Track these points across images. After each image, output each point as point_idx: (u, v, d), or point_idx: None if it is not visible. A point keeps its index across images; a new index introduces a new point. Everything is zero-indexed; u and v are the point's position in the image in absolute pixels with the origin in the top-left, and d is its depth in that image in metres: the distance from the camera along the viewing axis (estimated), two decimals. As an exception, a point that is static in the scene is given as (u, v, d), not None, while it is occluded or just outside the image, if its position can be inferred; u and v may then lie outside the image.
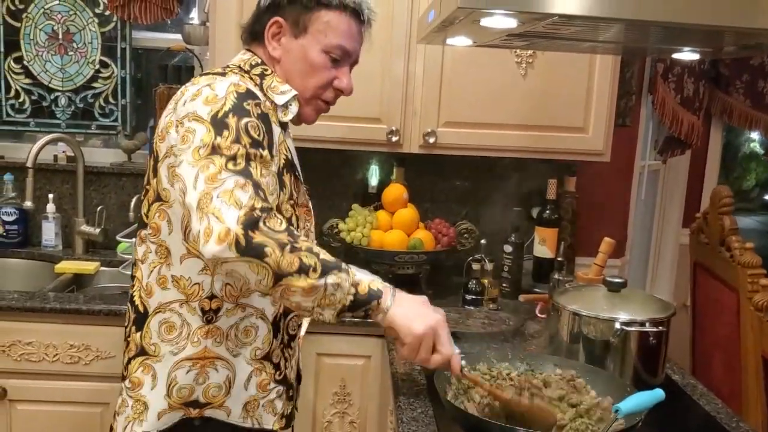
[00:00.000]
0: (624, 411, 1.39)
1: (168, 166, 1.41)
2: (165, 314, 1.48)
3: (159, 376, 1.48)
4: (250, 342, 1.51)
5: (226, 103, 1.35)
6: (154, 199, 1.47)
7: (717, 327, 2.55)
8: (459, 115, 2.53)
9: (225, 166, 1.28)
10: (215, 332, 1.47)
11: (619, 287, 1.81)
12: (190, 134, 1.33)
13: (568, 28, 1.28)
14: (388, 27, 2.45)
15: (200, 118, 1.34)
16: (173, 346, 1.47)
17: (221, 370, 1.49)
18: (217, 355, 1.48)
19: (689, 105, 3.41)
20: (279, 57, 1.55)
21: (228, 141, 1.30)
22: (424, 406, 1.64)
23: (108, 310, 2.25)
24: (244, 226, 1.21)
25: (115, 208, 2.95)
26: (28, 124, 3.04)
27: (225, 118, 1.33)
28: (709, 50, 1.75)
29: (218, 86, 1.39)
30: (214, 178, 1.26)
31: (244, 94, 1.39)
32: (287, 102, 1.53)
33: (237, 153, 1.30)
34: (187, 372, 1.47)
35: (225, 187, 1.25)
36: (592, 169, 2.89)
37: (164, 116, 1.47)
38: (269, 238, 1.22)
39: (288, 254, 1.22)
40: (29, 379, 2.27)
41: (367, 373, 2.34)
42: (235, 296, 1.47)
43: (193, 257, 1.44)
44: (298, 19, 1.52)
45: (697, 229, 2.69)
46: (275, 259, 1.21)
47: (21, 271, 2.85)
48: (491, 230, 2.92)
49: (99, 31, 2.98)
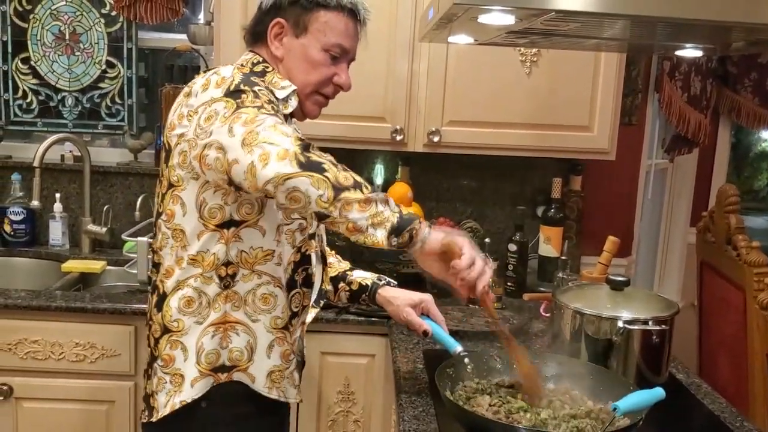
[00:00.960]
0: (622, 409, 1.39)
1: (180, 152, 1.49)
2: (183, 290, 1.53)
3: (189, 347, 1.54)
4: (269, 310, 1.57)
5: (235, 79, 1.46)
6: (167, 187, 1.54)
7: (723, 326, 2.54)
8: (463, 114, 2.53)
9: (258, 111, 1.37)
10: (233, 297, 1.54)
11: (622, 286, 1.80)
12: (213, 114, 1.41)
13: (568, 24, 1.27)
14: (392, 26, 2.46)
15: (216, 99, 1.43)
16: (197, 317, 1.54)
17: (242, 334, 1.55)
18: (236, 320, 1.55)
19: (696, 103, 3.39)
20: (281, 56, 1.62)
21: (249, 98, 1.41)
22: (425, 404, 1.64)
23: (113, 309, 2.26)
24: (300, 147, 1.30)
25: (121, 208, 2.96)
26: (36, 124, 3.06)
27: (237, 89, 1.43)
28: (715, 47, 1.73)
29: (223, 70, 1.52)
30: (253, 120, 1.34)
31: (248, 73, 1.53)
32: (287, 96, 1.59)
33: (263, 105, 1.40)
34: (212, 337, 1.54)
35: (267, 123, 1.34)
36: (598, 168, 2.88)
37: (174, 110, 1.55)
38: (323, 159, 1.31)
39: (342, 171, 1.32)
40: (35, 377, 2.28)
41: (371, 372, 2.34)
42: (250, 263, 1.54)
43: (209, 231, 1.50)
44: (298, 19, 1.59)
45: (704, 228, 2.67)
46: (333, 174, 1.29)
47: (28, 270, 2.87)
48: (496, 229, 2.92)
49: (105, 32, 3.00)
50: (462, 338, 1.85)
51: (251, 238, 1.53)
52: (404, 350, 2.01)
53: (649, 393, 1.45)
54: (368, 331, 2.29)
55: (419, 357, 1.95)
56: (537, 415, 1.50)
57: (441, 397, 1.52)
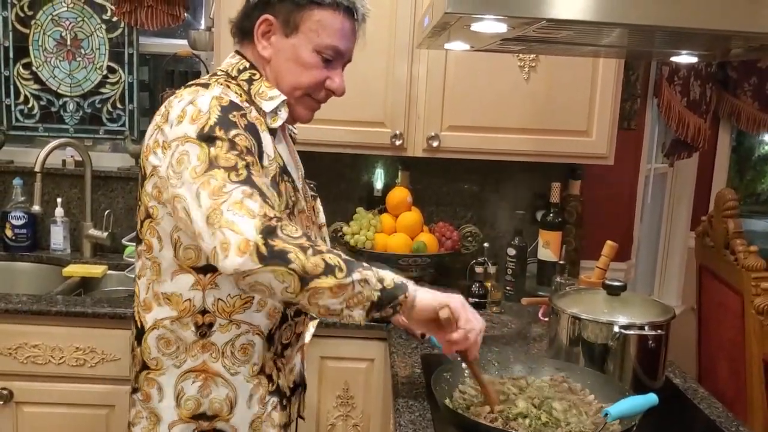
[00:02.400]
0: (614, 415, 1.39)
1: (153, 185, 1.40)
2: (159, 330, 1.47)
3: (165, 389, 1.48)
4: (247, 360, 1.48)
5: (211, 117, 1.32)
6: (145, 215, 1.45)
7: (722, 330, 2.54)
8: (462, 119, 2.54)
9: (228, 178, 1.25)
10: (210, 347, 1.45)
11: (618, 290, 1.81)
12: (184, 156, 1.31)
13: (560, 32, 1.28)
14: (392, 31, 2.47)
15: (190, 138, 1.31)
16: (174, 360, 1.47)
17: (221, 387, 1.48)
18: (216, 372, 1.47)
19: (696, 108, 3.40)
20: (269, 56, 1.49)
21: (223, 151, 1.28)
22: (422, 409, 1.65)
23: (113, 313, 2.27)
24: (263, 234, 1.18)
25: (122, 212, 2.98)
26: (37, 129, 3.07)
27: (212, 132, 1.31)
28: (714, 53, 1.74)
29: (201, 101, 1.36)
30: (219, 192, 1.23)
31: (227, 106, 1.36)
32: (276, 108, 1.48)
33: (237, 164, 1.27)
34: (192, 383, 1.47)
35: (233, 198, 1.22)
36: (597, 173, 2.89)
37: (150, 132, 1.44)
38: (290, 244, 1.19)
39: (311, 257, 1.20)
40: (35, 382, 2.29)
41: (370, 376, 2.35)
42: (227, 312, 1.45)
43: (185, 272, 1.42)
44: (289, 17, 1.46)
45: (703, 233, 2.68)
46: (300, 263, 1.19)
47: (29, 274, 2.88)
48: (495, 233, 2.93)
49: (106, 37, 3.01)
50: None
51: (229, 286, 1.42)
52: (402, 355, 2.01)
53: (641, 399, 1.46)
54: (367, 335, 2.30)
55: (417, 362, 1.96)
56: (537, 419, 1.51)
57: (437, 402, 1.53)
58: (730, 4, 1.16)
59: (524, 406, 1.54)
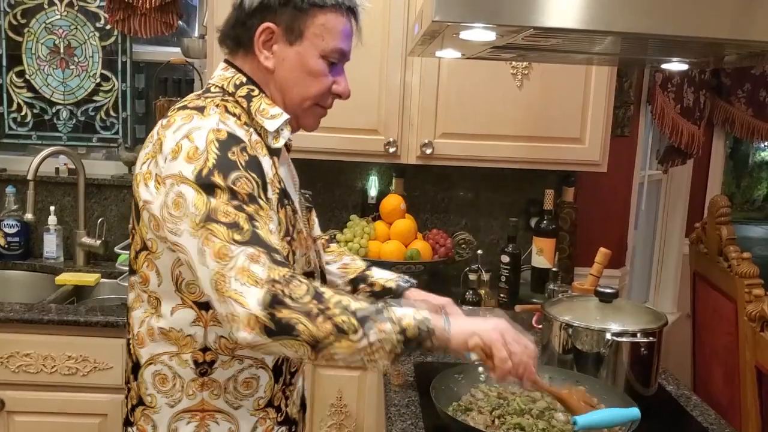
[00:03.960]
0: (581, 424, 1.38)
1: (150, 218, 1.32)
2: (156, 366, 1.38)
3: (159, 428, 1.40)
4: (252, 393, 1.40)
5: (209, 158, 1.24)
6: (141, 247, 1.36)
7: (716, 337, 2.54)
8: (456, 126, 2.54)
9: (232, 239, 1.19)
10: (211, 385, 1.37)
11: (610, 298, 1.81)
12: (181, 199, 1.23)
13: (549, 40, 1.28)
14: (385, 39, 2.47)
15: (186, 180, 1.23)
16: (169, 398, 1.38)
17: (222, 423, 1.39)
18: (216, 408, 1.38)
19: (689, 115, 3.40)
20: (272, 67, 1.40)
21: (222, 202, 1.21)
22: (414, 417, 1.64)
23: (105, 322, 2.26)
24: (268, 306, 1.15)
25: (115, 220, 2.97)
26: (30, 137, 3.07)
27: (210, 176, 1.22)
28: (707, 60, 1.74)
29: (197, 136, 1.26)
30: (224, 255, 1.18)
31: (225, 141, 1.26)
32: (279, 128, 1.39)
33: (238, 219, 1.21)
34: (187, 423, 1.38)
35: (238, 264, 1.17)
36: (591, 180, 2.89)
37: (142, 159, 1.35)
38: (296, 312, 1.16)
39: (320, 322, 1.16)
40: (27, 391, 2.29)
41: (363, 385, 2.34)
42: (230, 348, 1.36)
43: (186, 308, 1.35)
44: (292, 23, 1.37)
45: (696, 239, 2.68)
46: (308, 332, 1.15)
47: (22, 282, 2.87)
48: (489, 240, 2.93)
49: (100, 45, 3.01)
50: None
51: None
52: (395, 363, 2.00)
53: (619, 412, 1.45)
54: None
55: (410, 370, 1.95)
56: (535, 426, 1.51)
57: (430, 412, 1.52)
58: (720, 12, 1.16)
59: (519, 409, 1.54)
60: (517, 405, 1.59)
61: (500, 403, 1.61)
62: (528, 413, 1.56)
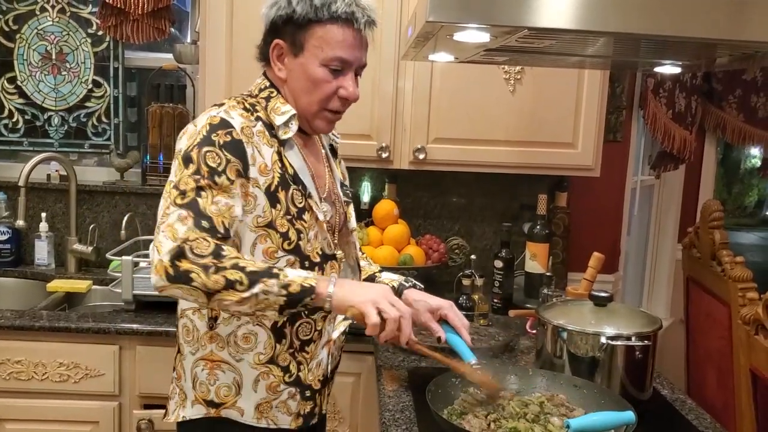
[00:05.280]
0: (574, 427, 1.38)
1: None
2: (183, 320, 1.64)
3: (186, 371, 1.64)
4: (251, 348, 1.59)
5: (198, 137, 1.48)
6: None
7: (710, 341, 2.54)
8: (448, 132, 2.54)
9: (174, 201, 1.42)
10: (216, 338, 1.59)
11: (605, 302, 1.80)
12: (173, 169, 1.48)
13: (543, 41, 1.28)
14: (377, 44, 2.47)
15: (178, 154, 1.49)
16: (191, 347, 1.62)
17: (227, 372, 1.60)
18: (221, 359, 1.60)
19: (681, 120, 3.42)
20: (285, 77, 1.61)
21: (187, 174, 1.44)
22: (408, 422, 1.63)
23: (97, 329, 2.25)
24: (172, 257, 1.36)
25: (107, 227, 2.95)
26: (22, 143, 3.05)
27: (190, 151, 1.46)
28: (700, 63, 1.74)
29: (199, 121, 1.51)
30: (165, 214, 1.42)
31: (216, 125, 1.49)
32: (286, 121, 1.58)
33: (188, 187, 1.43)
34: (202, 370, 1.61)
35: (169, 220, 1.40)
36: (584, 184, 2.89)
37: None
38: (194, 264, 1.36)
39: (212, 275, 1.36)
40: (18, 398, 2.27)
41: (357, 391, 2.33)
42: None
43: None
44: (294, 38, 1.56)
45: (689, 244, 2.69)
46: (202, 282, 1.36)
47: (14, 289, 2.85)
48: (483, 245, 2.93)
49: (92, 51, 3.00)
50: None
51: None
52: (389, 368, 2.00)
53: (614, 415, 1.44)
54: (355, 349, 2.28)
55: (404, 375, 1.94)
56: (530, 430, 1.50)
57: (425, 416, 1.52)
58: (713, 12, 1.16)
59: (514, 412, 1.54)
60: (512, 409, 1.58)
61: (495, 407, 1.60)
62: (523, 417, 1.56)
